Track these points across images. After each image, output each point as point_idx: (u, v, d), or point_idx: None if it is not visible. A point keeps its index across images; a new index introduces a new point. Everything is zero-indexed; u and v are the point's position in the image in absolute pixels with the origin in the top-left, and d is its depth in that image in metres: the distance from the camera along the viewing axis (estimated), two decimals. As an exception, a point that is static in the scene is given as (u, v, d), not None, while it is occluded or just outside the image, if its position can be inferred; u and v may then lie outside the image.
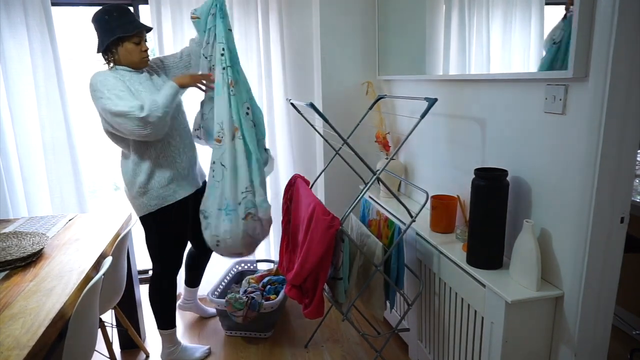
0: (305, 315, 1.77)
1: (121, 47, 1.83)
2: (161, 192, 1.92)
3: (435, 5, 2.06)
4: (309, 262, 1.69)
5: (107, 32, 1.80)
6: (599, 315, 1.36)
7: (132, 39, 1.84)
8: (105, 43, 1.81)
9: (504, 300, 1.37)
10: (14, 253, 1.64)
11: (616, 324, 2.31)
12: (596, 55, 1.20)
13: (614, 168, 1.24)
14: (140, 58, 1.88)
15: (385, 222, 1.91)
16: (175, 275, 2.12)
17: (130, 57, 1.86)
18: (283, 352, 2.28)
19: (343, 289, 1.77)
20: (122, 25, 1.80)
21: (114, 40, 1.80)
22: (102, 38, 1.82)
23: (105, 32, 1.80)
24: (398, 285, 1.85)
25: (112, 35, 1.79)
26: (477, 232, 1.53)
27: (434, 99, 1.65)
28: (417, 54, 2.24)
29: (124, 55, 1.85)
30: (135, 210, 1.99)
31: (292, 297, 1.81)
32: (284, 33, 2.68)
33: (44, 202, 2.63)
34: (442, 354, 1.84)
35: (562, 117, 1.33)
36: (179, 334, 2.43)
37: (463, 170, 1.88)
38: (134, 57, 1.86)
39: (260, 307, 2.26)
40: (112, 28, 1.79)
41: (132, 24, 1.83)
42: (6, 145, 2.51)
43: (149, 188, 1.91)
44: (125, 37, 1.82)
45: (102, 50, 1.85)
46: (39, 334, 1.19)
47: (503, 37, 1.59)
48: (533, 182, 1.47)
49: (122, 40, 1.82)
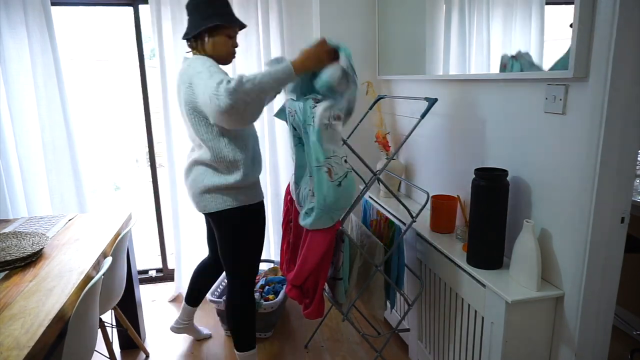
0: (305, 316, 1.77)
1: (214, 37, 1.72)
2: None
3: (435, 5, 2.06)
4: (309, 263, 1.69)
5: (205, 18, 1.69)
6: (599, 315, 1.36)
7: (227, 31, 1.74)
8: (200, 28, 1.69)
9: (504, 300, 1.36)
10: (14, 253, 1.64)
11: (616, 324, 2.31)
12: (596, 55, 1.20)
13: (614, 168, 1.24)
14: (228, 52, 1.77)
15: (386, 222, 1.91)
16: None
17: (219, 49, 1.74)
18: (283, 352, 2.28)
19: (343, 289, 1.77)
20: (222, 15, 1.71)
21: (210, 27, 1.70)
22: (198, 23, 1.70)
23: (203, 18, 1.69)
24: (398, 286, 1.85)
25: (210, 22, 1.68)
26: (477, 232, 1.53)
27: (434, 99, 1.65)
28: (417, 54, 2.24)
29: (213, 46, 1.73)
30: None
31: (293, 297, 1.81)
32: (284, 33, 2.68)
33: (44, 202, 2.63)
34: (442, 354, 1.84)
35: (562, 117, 1.33)
36: (184, 339, 2.43)
37: (463, 170, 1.88)
38: (223, 50, 1.75)
39: (259, 307, 2.27)
40: (211, 15, 1.68)
41: (231, 17, 1.74)
42: (6, 145, 2.51)
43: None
44: (221, 27, 1.71)
45: (193, 36, 1.73)
46: (39, 334, 1.18)
47: (503, 37, 1.59)
48: (533, 182, 1.47)
49: (218, 30, 1.71)
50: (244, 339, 1.94)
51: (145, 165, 5.93)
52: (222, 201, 1.76)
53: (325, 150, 1.53)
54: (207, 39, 1.73)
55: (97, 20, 5.31)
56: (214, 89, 1.46)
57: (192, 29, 1.73)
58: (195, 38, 1.75)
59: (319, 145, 1.53)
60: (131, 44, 2.71)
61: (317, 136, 1.53)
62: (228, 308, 1.93)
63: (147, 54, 2.76)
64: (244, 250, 1.86)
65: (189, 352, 2.31)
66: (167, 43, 2.56)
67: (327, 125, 1.52)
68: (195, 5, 1.72)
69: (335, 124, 1.53)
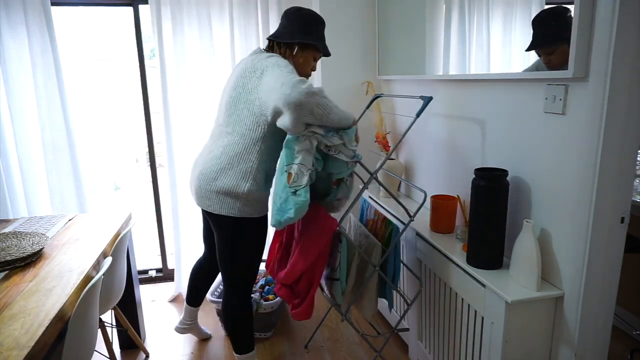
0: (293, 316, 1.75)
1: (304, 52, 1.77)
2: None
3: (435, 5, 2.06)
4: (301, 263, 1.67)
5: (307, 33, 1.75)
6: (599, 315, 1.36)
7: (315, 54, 1.80)
8: (297, 39, 1.74)
9: (504, 300, 1.36)
10: (14, 253, 1.64)
11: (616, 324, 2.31)
12: (596, 55, 1.20)
13: (614, 168, 1.24)
14: (307, 72, 1.83)
15: (383, 221, 1.91)
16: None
17: (302, 65, 1.79)
18: (283, 352, 2.28)
19: (340, 289, 1.77)
20: (320, 40, 1.79)
21: (306, 43, 1.76)
22: (297, 34, 1.74)
23: (306, 32, 1.75)
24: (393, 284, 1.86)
25: (310, 40, 1.75)
26: (477, 232, 1.53)
27: (429, 97, 1.65)
28: (417, 54, 2.24)
29: (298, 60, 1.78)
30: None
31: (282, 296, 1.80)
32: (284, 33, 2.68)
33: (44, 202, 2.63)
34: (442, 354, 1.84)
35: (562, 117, 1.33)
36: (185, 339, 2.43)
37: (463, 170, 1.88)
38: (304, 69, 1.80)
39: (258, 307, 2.27)
40: (312, 33, 1.76)
41: (325, 45, 1.82)
42: (6, 145, 2.51)
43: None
44: (313, 48, 1.78)
45: (285, 41, 1.75)
46: (39, 334, 1.19)
47: (503, 37, 1.59)
48: (533, 182, 1.47)
49: (308, 49, 1.77)
50: (242, 342, 1.92)
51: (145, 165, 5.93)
52: (227, 207, 1.71)
53: (295, 154, 1.55)
54: (298, 51, 1.76)
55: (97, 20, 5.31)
56: (296, 82, 1.47)
57: (288, 36, 1.75)
58: (285, 45, 1.77)
59: (291, 147, 1.56)
60: (131, 44, 2.70)
61: (293, 139, 1.56)
62: (225, 312, 1.91)
63: (147, 54, 2.76)
64: (243, 255, 1.83)
65: (189, 352, 2.31)
66: (167, 43, 2.56)
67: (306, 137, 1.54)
68: (302, 17, 1.76)
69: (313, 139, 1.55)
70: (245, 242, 1.80)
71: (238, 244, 1.79)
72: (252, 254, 1.84)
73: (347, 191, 1.84)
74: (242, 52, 2.64)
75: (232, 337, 1.93)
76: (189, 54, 2.59)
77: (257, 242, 1.83)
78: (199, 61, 2.61)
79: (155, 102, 2.73)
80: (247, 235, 1.79)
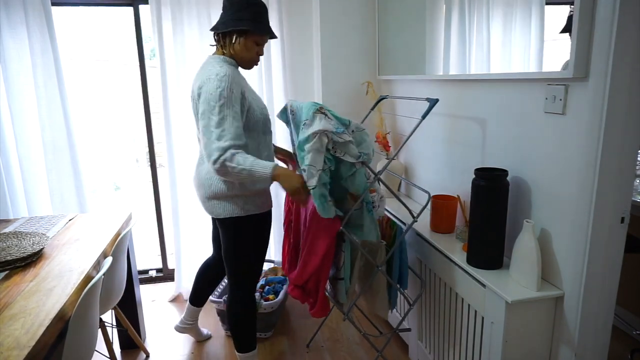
0: (312, 315, 1.78)
1: (243, 39, 1.71)
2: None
3: (435, 5, 2.06)
4: (311, 263, 1.68)
5: (238, 19, 1.68)
6: (599, 315, 1.36)
7: (256, 38, 1.73)
8: (229, 28, 1.68)
9: (504, 300, 1.37)
10: (14, 253, 1.64)
11: (616, 324, 2.31)
12: (596, 55, 1.20)
13: (614, 168, 1.24)
14: (252, 58, 1.77)
15: (388, 222, 1.91)
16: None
17: (245, 53, 1.73)
18: (283, 351, 2.28)
19: (344, 289, 1.77)
20: (257, 22, 1.70)
21: (241, 30, 1.69)
22: (231, 21, 1.69)
23: (238, 18, 1.68)
24: (402, 286, 1.85)
25: (243, 25, 1.67)
26: (477, 232, 1.53)
27: (435, 100, 1.65)
28: (417, 54, 2.24)
29: (240, 48, 1.72)
30: None
31: (295, 296, 1.81)
32: (284, 33, 2.68)
33: (44, 202, 2.63)
34: (442, 354, 1.84)
35: (562, 117, 1.33)
36: (185, 339, 2.43)
37: (463, 170, 1.88)
38: (248, 55, 1.74)
39: (258, 307, 2.27)
40: (245, 19, 1.67)
41: (265, 26, 1.74)
42: (6, 145, 2.51)
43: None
44: (252, 32, 1.71)
45: (222, 31, 1.71)
46: (39, 334, 1.19)
47: (503, 37, 1.59)
48: (533, 182, 1.47)
49: (247, 34, 1.70)
50: (245, 340, 1.94)
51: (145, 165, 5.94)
52: (230, 209, 1.75)
53: (305, 155, 1.56)
54: (236, 39, 1.71)
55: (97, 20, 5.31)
56: (210, 151, 1.58)
57: (222, 25, 1.70)
58: (224, 35, 1.73)
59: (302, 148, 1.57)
60: (131, 44, 2.71)
61: (303, 139, 1.55)
62: (229, 310, 1.93)
63: (147, 54, 2.76)
64: (247, 254, 1.85)
65: (189, 352, 2.31)
66: (167, 43, 2.56)
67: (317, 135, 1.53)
68: (234, 4, 1.69)
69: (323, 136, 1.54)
70: (248, 241, 1.83)
71: (242, 242, 1.82)
72: (254, 251, 1.86)
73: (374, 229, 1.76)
74: (242, 52, 2.64)
75: (234, 334, 1.94)
76: (189, 54, 2.59)
77: (259, 240, 1.86)
78: (199, 61, 2.61)
79: (156, 102, 2.73)
80: (249, 234, 1.81)
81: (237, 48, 1.72)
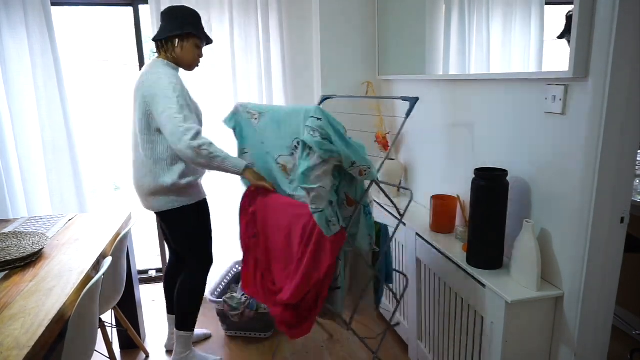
0: (292, 337, 1.64)
1: (186, 42, 1.90)
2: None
3: (435, 5, 2.06)
4: (314, 277, 1.57)
5: (179, 26, 1.87)
6: (599, 315, 1.36)
7: (196, 42, 1.92)
8: (173, 32, 1.86)
9: (504, 300, 1.36)
10: (14, 253, 1.64)
11: (616, 324, 2.31)
12: (596, 55, 1.20)
13: (614, 168, 1.24)
14: (194, 60, 1.96)
15: None
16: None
17: (186, 56, 1.92)
18: (283, 352, 2.28)
19: (341, 297, 1.71)
20: (196, 27, 1.91)
21: (182, 34, 1.87)
22: (171, 28, 1.87)
23: (178, 25, 1.87)
24: (387, 281, 1.86)
25: (185, 30, 1.87)
26: (477, 232, 1.53)
27: (414, 98, 1.64)
28: (417, 54, 2.24)
29: (182, 52, 1.90)
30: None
31: (286, 318, 1.63)
32: (284, 33, 2.68)
33: (44, 202, 2.63)
34: (442, 354, 1.84)
35: (562, 117, 1.33)
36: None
37: (463, 170, 1.88)
38: (189, 57, 1.93)
39: (258, 307, 2.27)
40: (186, 24, 1.88)
41: (203, 32, 1.94)
42: (6, 145, 2.51)
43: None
44: (192, 36, 1.89)
45: (163, 38, 1.88)
46: (39, 334, 1.19)
47: (503, 37, 1.59)
48: (533, 182, 1.47)
49: (188, 38, 1.89)
50: (188, 320, 2.06)
51: (145, 165, 5.91)
52: (169, 202, 1.92)
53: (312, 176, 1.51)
54: (178, 43, 1.89)
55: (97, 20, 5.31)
56: (181, 132, 1.72)
57: (164, 33, 1.88)
58: (166, 41, 1.90)
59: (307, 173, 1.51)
60: (131, 44, 2.70)
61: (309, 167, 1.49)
62: (181, 290, 2.04)
63: (147, 54, 2.76)
64: (195, 241, 2.04)
65: (189, 352, 2.30)
66: (167, 43, 2.55)
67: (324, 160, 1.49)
68: (172, 14, 1.90)
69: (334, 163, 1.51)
70: (190, 228, 2.00)
71: (186, 230, 2.00)
72: (199, 237, 2.05)
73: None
74: (242, 52, 2.64)
75: (180, 313, 2.05)
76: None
77: (201, 226, 2.04)
78: (199, 61, 2.61)
79: (155, 102, 2.72)
80: (191, 221, 1.99)
81: (179, 52, 1.91)
